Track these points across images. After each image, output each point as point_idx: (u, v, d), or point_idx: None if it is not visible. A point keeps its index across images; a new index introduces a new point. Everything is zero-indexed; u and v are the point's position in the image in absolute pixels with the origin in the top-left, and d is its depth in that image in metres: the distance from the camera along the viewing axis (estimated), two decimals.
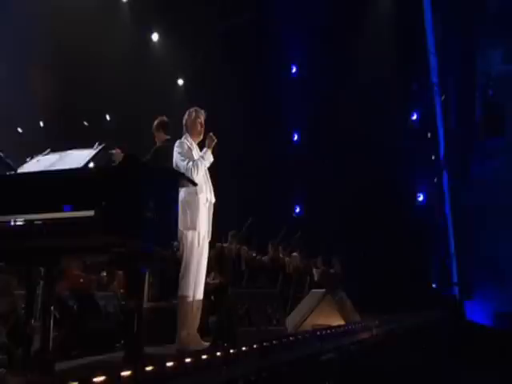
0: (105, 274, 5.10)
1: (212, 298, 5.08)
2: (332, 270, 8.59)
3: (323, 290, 5.32)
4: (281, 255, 7.79)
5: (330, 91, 11.23)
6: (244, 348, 2.51)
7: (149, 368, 1.79)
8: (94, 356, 3.32)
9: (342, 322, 4.91)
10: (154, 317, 4.12)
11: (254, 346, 2.60)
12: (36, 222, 2.19)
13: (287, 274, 7.40)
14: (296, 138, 12.86)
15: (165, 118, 4.56)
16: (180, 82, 12.51)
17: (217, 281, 5.88)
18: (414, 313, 7.23)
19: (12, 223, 2.21)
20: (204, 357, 2.11)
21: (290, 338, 3.11)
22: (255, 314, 3.77)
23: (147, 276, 4.33)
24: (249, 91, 11.19)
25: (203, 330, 3.84)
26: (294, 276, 7.58)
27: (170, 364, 1.88)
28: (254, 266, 6.93)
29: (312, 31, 11.24)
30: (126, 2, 11.53)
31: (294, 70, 12.98)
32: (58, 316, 3.60)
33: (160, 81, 10.52)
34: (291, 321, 4.94)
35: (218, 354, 2.22)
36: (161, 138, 4.46)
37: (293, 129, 12.75)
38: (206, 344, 3.63)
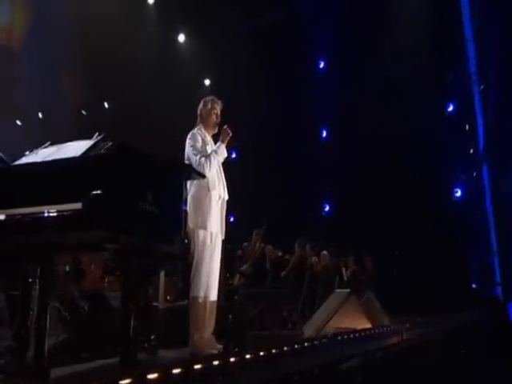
0: None
1: (236, 298, 4.90)
2: (364, 271, 8.24)
3: (348, 290, 4.98)
4: (308, 255, 7.51)
5: (359, 84, 10.88)
6: (248, 355, 2.26)
7: (125, 381, 1.58)
8: (105, 359, 3.16)
9: (368, 325, 4.58)
10: (171, 318, 3.96)
11: (261, 353, 2.34)
12: (19, 217, 2.04)
13: (314, 273, 7.12)
14: (325, 134, 12.53)
15: None
16: (207, 82, 12.49)
17: (240, 282, 5.69)
18: (451, 315, 6.76)
19: None
20: (197, 366, 1.87)
21: (305, 344, 2.84)
22: (268, 317, 3.51)
23: (162, 275, 4.21)
24: (276, 87, 11.01)
25: (221, 332, 3.63)
26: (323, 275, 7.31)
27: (152, 376, 1.66)
28: (279, 265, 6.70)
29: (340, 23, 10.92)
30: (153, 4, 11.64)
31: (321, 65, 12.65)
32: (68, 317, 3.49)
33: (186, 84, 10.48)
34: (313, 323, 4.65)
35: (215, 363, 1.99)
36: None
37: (321, 125, 12.43)
38: (221, 347, 3.43)
